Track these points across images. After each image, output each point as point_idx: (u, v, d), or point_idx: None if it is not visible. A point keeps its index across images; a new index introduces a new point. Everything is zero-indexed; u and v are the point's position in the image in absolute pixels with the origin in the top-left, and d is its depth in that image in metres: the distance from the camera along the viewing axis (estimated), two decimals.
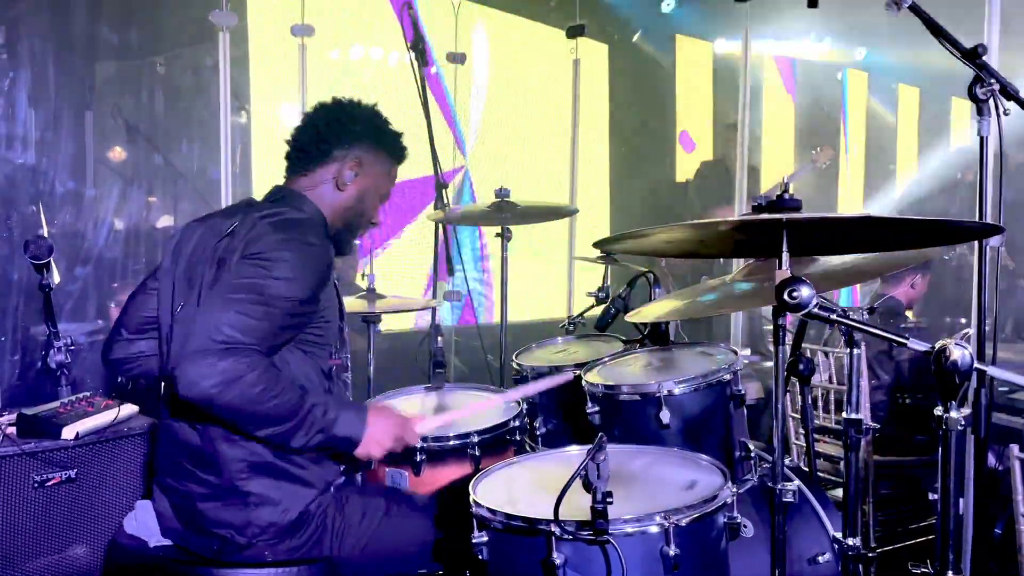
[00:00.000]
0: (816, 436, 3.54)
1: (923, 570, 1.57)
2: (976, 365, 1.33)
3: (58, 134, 4.00)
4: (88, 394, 2.52)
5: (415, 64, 3.28)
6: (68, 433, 2.32)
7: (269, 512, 1.98)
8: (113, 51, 4.37)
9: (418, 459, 2.31)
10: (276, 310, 1.87)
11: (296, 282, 1.91)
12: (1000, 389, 3.60)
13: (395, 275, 5.52)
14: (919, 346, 1.36)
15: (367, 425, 1.98)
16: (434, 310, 3.22)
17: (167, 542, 2.08)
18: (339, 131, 2.14)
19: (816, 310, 1.48)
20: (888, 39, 7.69)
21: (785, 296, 1.46)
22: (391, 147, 2.22)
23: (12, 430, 2.34)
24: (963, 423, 1.32)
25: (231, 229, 2.02)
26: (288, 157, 2.19)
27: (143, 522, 2.11)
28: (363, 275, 3.20)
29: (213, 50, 4.11)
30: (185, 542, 2.05)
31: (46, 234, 3.00)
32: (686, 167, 7.40)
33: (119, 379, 2.78)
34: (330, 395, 2.08)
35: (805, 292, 1.46)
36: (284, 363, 1.98)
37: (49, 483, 2.29)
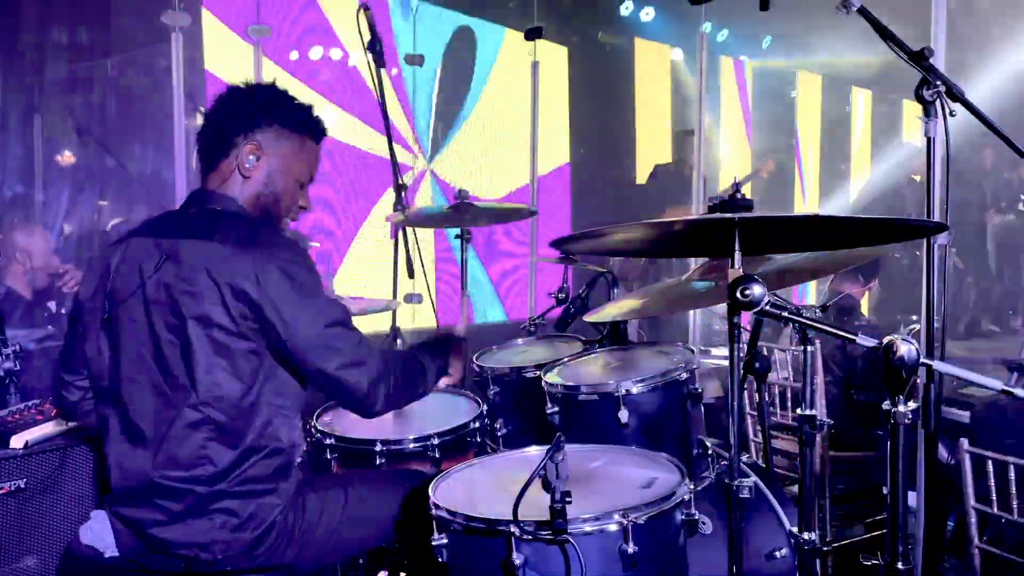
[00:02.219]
0: (774, 433, 3.58)
1: (874, 562, 1.61)
2: (923, 360, 1.35)
3: (5, 137, 3.91)
4: (38, 402, 2.46)
5: (372, 65, 3.26)
6: (17, 442, 2.26)
7: (235, 528, 1.91)
8: (63, 52, 4.28)
9: (378, 463, 2.30)
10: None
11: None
12: (952, 384, 3.68)
13: (357, 277, 5.48)
14: (867, 342, 1.39)
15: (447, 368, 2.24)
16: (394, 312, 3.21)
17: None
18: (235, 118, 2.03)
19: (768, 308, 1.50)
20: (840, 42, 7.84)
21: (737, 294, 1.48)
22: (296, 122, 2.07)
23: None
24: (910, 417, 1.35)
25: (160, 263, 1.92)
26: (199, 159, 2.11)
27: (98, 533, 2.06)
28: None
29: (166, 51, 4.05)
30: (146, 561, 1.96)
31: None
32: (647, 170, 7.47)
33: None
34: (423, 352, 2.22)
35: (757, 290, 1.48)
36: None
37: None
